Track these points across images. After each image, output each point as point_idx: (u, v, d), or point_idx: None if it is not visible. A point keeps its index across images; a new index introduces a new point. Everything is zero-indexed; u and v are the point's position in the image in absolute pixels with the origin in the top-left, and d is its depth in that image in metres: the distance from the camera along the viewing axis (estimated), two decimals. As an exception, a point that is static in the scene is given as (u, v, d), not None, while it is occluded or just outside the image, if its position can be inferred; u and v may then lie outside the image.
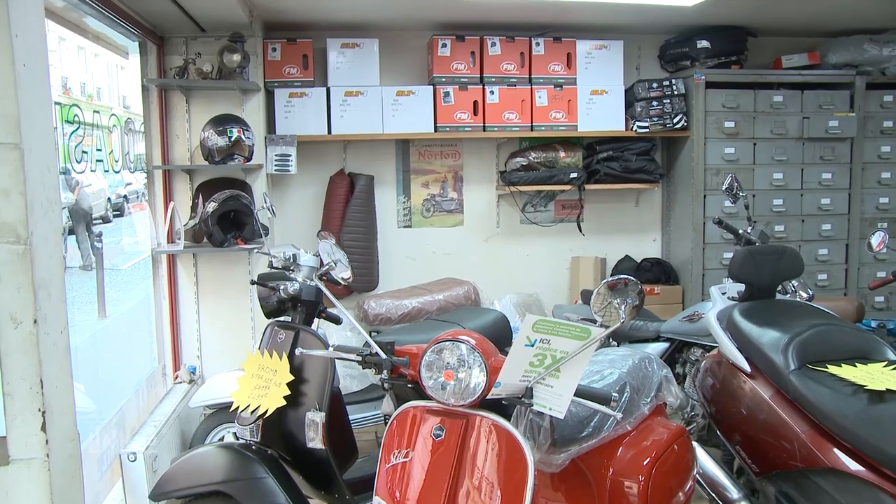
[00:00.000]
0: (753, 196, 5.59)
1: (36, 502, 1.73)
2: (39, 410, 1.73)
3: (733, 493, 3.01)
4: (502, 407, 2.10)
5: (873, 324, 5.28)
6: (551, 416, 2.36)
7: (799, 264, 3.31)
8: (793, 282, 3.86)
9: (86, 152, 3.85)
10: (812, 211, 5.77)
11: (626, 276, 1.96)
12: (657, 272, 5.82)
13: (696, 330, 4.02)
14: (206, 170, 4.88)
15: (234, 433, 3.20)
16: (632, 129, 5.60)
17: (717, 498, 3.04)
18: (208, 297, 5.02)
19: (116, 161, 4.46)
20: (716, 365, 3.25)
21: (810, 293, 3.86)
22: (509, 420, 2.11)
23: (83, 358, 4.31)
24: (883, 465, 2.45)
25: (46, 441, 1.74)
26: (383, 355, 2.21)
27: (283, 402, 2.96)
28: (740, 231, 4.07)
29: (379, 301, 4.88)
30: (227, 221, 4.68)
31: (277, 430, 3.07)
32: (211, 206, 4.58)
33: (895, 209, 5.89)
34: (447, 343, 2.04)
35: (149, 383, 4.69)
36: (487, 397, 2.01)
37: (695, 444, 2.95)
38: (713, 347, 3.49)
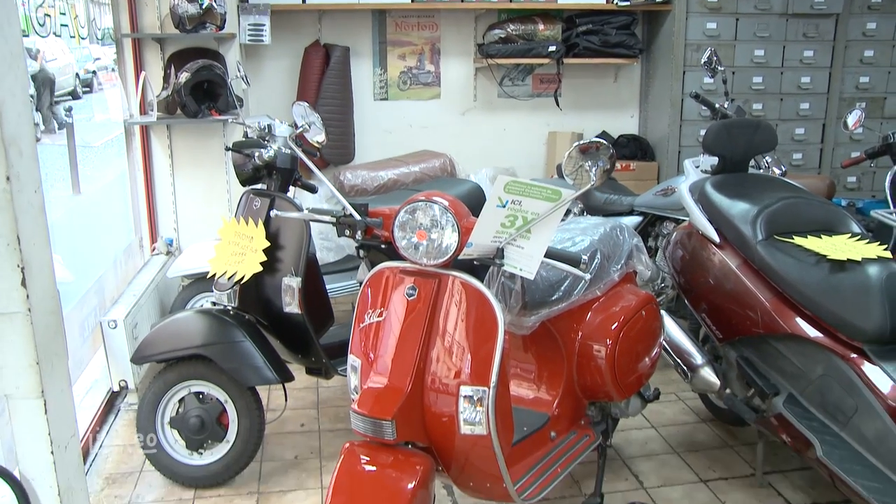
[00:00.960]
0: (733, 73, 5.53)
1: (22, 354, 1.78)
2: (18, 266, 1.75)
3: (698, 358, 3.12)
4: (475, 271, 2.14)
5: (843, 203, 5.37)
6: (522, 279, 2.42)
7: (773, 138, 3.33)
8: (766, 157, 3.89)
9: (48, 15, 3.72)
10: (791, 90, 5.74)
11: (598, 140, 1.97)
12: (634, 148, 5.83)
13: (670, 204, 4.06)
14: (178, 39, 4.75)
15: (213, 302, 3.26)
16: (612, 2, 5.48)
17: (682, 364, 3.15)
18: (183, 169, 4.99)
19: (82, 27, 4.32)
20: (686, 236, 3.31)
21: (783, 168, 3.90)
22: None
23: (59, 233, 4.31)
24: (839, 331, 2.55)
25: (27, 296, 1.77)
26: (357, 216, 2.23)
27: (260, 268, 3.01)
28: (717, 106, 4.06)
29: (355, 173, 4.89)
30: (201, 92, 4.60)
31: (254, 296, 3.14)
32: (183, 77, 4.50)
33: (875, 89, 5.86)
34: (420, 203, 2.06)
35: (126, 255, 4.71)
36: (459, 257, 2.04)
37: (662, 312, 3.04)
38: (685, 221, 3.54)
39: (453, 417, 2.08)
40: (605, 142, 1.97)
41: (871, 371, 2.44)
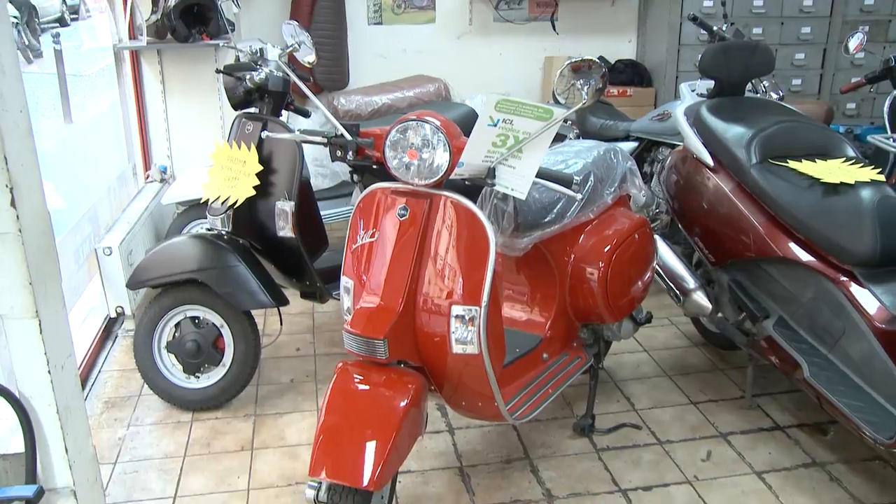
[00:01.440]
0: (733, -5, 5.44)
1: (15, 273, 1.78)
2: (7, 186, 1.73)
3: (690, 282, 3.14)
4: (468, 194, 2.14)
5: (841, 129, 5.33)
6: (515, 201, 2.42)
7: (770, 61, 3.28)
8: (764, 81, 3.85)
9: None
10: (793, 13, 5.63)
11: (590, 59, 1.94)
12: (631, 74, 5.75)
13: (665, 129, 4.03)
14: (165, -40, 4.63)
15: (207, 227, 3.26)
16: (612, -78, 5.35)
17: (674, 287, 3.17)
18: (175, 96, 4.92)
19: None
20: (681, 160, 3.30)
21: (781, 93, 3.86)
22: (474, 206, 2.14)
23: (51, 162, 4.29)
24: (830, 254, 2.56)
25: (17, 217, 1.76)
26: (349, 136, 2.21)
27: (253, 192, 3.00)
28: (715, 29, 4.00)
29: (349, 98, 4.83)
30: (191, 16, 4.52)
31: (248, 221, 3.13)
32: (173, 0, 4.41)
33: (880, 11, 5.73)
34: (411, 123, 2.04)
35: (120, 183, 4.69)
36: (451, 177, 2.04)
37: (655, 236, 3.05)
38: (680, 146, 3.52)
39: (445, 337, 2.10)
40: (598, 60, 1.95)
41: (860, 293, 2.46)
